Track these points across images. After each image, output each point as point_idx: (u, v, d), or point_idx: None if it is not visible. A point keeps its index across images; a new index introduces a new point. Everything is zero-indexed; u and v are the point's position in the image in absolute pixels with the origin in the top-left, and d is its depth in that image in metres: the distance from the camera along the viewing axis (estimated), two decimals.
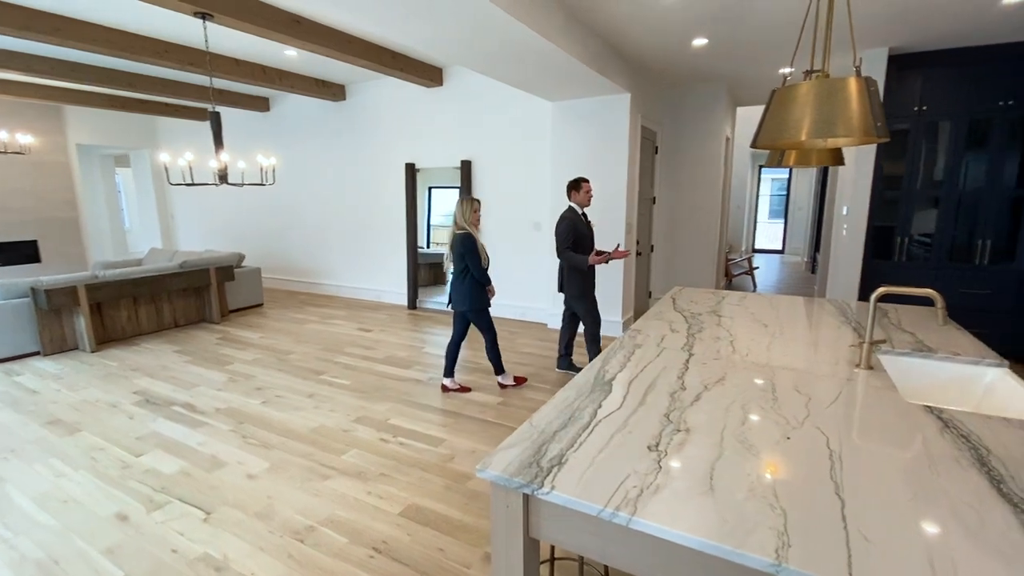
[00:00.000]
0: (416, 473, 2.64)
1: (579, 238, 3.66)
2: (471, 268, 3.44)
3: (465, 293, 3.52)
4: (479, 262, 3.44)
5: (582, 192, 3.68)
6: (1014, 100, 4.00)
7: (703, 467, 1.13)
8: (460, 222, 3.43)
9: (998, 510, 0.97)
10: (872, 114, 1.18)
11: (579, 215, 3.72)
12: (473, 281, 3.49)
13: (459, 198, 3.49)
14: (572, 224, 3.64)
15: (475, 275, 3.47)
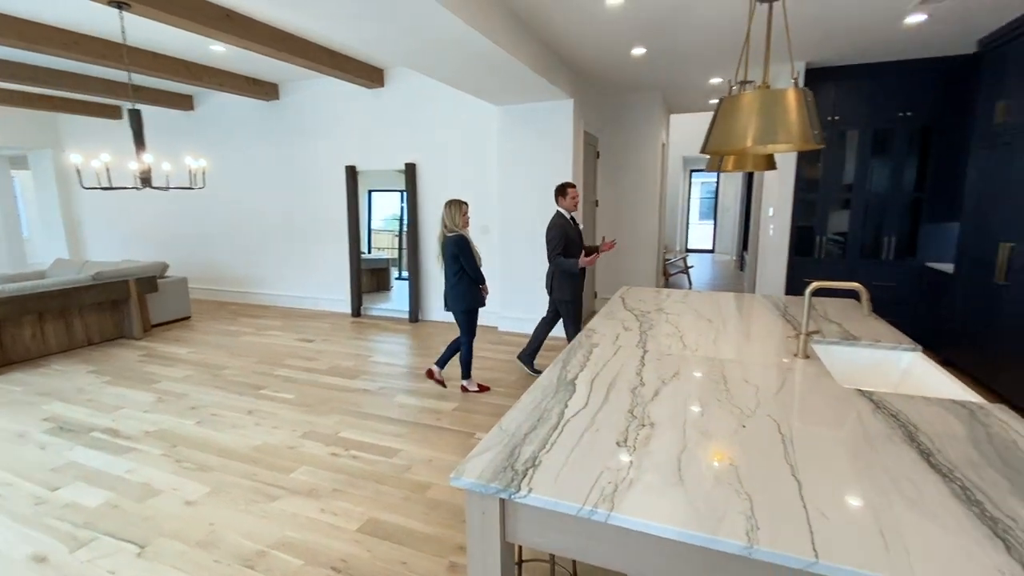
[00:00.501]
0: (372, 486, 2.56)
1: (569, 243, 3.72)
2: (467, 268, 3.51)
3: (461, 294, 3.57)
4: (474, 262, 3.52)
5: (568, 197, 3.75)
6: (912, 111, 4.47)
7: (670, 459, 1.18)
8: (450, 225, 3.49)
9: (931, 480, 1.08)
10: (810, 123, 1.28)
11: (567, 219, 3.78)
12: (468, 281, 3.56)
13: (446, 202, 3.52)
14: (562, 230, 3.70)
15: (471, 275, 3.53)
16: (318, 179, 6.37)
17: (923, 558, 0.85)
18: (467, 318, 3.66)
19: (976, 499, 1.01)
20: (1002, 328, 3.46)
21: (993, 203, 3.66)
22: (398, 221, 8.26)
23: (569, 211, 3.79)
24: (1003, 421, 1.35)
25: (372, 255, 7.69)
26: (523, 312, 5.46)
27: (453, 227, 3.48)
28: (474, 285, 3.60)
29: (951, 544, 0.88)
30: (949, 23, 3.59)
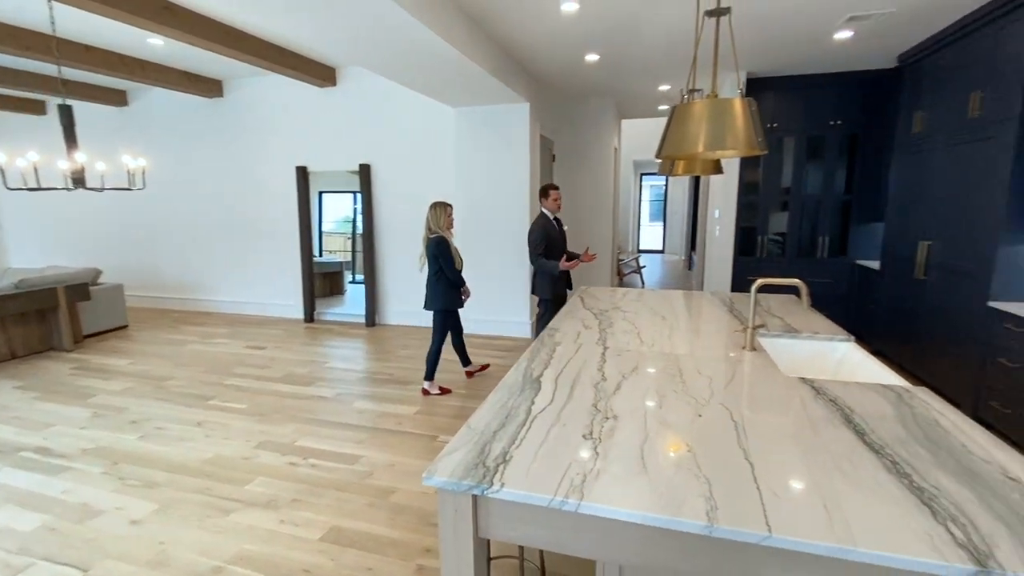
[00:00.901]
0: (333, 494, 2.50)
1: (551, 243, 3.76)
2: (445, 270, 3.59)
3: (439, 294, 3.66)
4: (452, 264, 3.60)
5: (550, 199, 3.81)
6: (842, 120, 4.81)
7: (634, 449, 1.23)
8: (433, 226, 3.55)
9: (867, 457, 1.18)
10: (754, 131, 1.38)
11: (551, 220, 3.84)
12: (447, 282, 3.64)
13: (432, 204, 3.59)
14: (544, 231, 3.74)
15: (449, 276, 3.60)
16: (267, 180, 6.14)
17: (862, 527, 0.93)
18: (441, 318, 3.74)
19: (905, 472, 1.12)
20: (922, 320, 3.78)
21: (912, 205, 4.01)
22: (351, 223, 8.08)
23: (552, 212, 3.87)
24: (926, 402, 1.50)
25: (324, 258, 7.49)
26: (484, 314, 5.48)
27: (436, 228, 3.55)
28: (452, 287, 3.66)
29: (885, 513, 0.98)
30: (872, 40, 3.90)
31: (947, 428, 1.33)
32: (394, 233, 5.81)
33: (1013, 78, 2.90)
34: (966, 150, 3.33)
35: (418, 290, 5.75)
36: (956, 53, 3.50)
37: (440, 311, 3.71)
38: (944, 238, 3.55)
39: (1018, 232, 2.93)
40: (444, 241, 3.56)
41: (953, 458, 1.18)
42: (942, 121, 3.62)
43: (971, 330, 3.17)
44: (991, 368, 2.99)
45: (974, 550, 0.88)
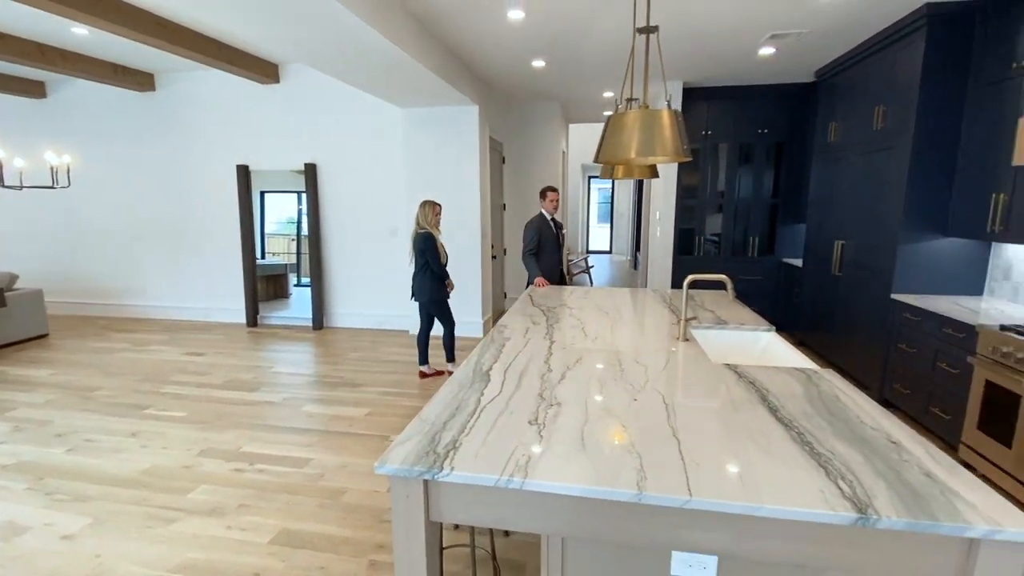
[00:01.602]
0: (283, 498, 2.47)
1: (543, 242, 4.00)
2: (431, 264, 3.81)
3: (424, 286, 3.89)
4: (438, 259, 3.82)
5: (547, 200, 4.05)
6: (768, 129, 5.20)
7: (575, 432, 1.33)
8: (422, 223, 3.81)
9: (777, 430, 1.34)
10: (680, 140, 1.52)
11: (546, 220, 4.05)
12: (432, 275, 3.86)
13: (421, 202, 3.86)
14: (537, 229, 3.97)
15: (434, 270, 3.82)
16: (205, 179, 5.88)
17: (768, 488, 1.07)
18: (438, 308, 3.98)
19: (807, 440, 1.28)
20: (838, 312, 4.16)
21: (829, 208, 4.39)
22: (295, 224, 7.85)
23: (550, 213, 4.06)
24: (830, 381, 1.69)
25: (267, 260, 7.24)
26: None
27: (424, 225, 3.79)
28: (436, 279, 3.88)
29: (788, 475, 1.12)
30: (792, 56, 4.25)
31: (845, 403, 1.52)
32: (342, 234, 5.72)
33: (907, 96, 3.26)
34: (872, 159, 3.70)
35: (367, 291, 5.74)
36: (862, 71, 3.88)
37: (426, 302, 3.93)
38: (855, 238, 3.92)
39: (914, 232, 3.30)
40: (431, 237, 3.78)
41: (848, 427, 1.35)
42: (853, 132, 4.00)
43: (877, 320, 3.53)
44: (894, 353, 3.35)
45: (857, 501, 1.03)
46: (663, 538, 1.11)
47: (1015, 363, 2.34)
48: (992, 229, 2.85)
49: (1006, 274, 3.13)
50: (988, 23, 2.94)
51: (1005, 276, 3.13)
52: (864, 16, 3.37)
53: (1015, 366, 2.34)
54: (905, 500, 1.03)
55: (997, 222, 2.81)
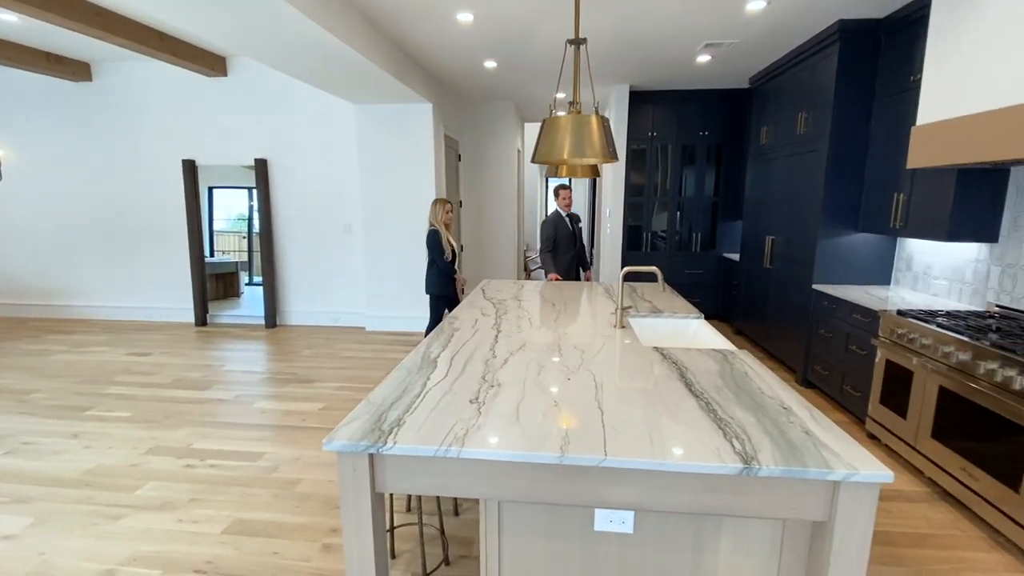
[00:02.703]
0: (236, 491, 2.50)
1: (560, 238, 4.17)
2: (436, 259, 3.96)
3: (431, 280, 4.03)
4: (442, 254, 3.96)
5: (560, 198, 4.20)
6: (708, 131, 5.51)
7: (511, 407, 1.46)
8: (431, 220, 3.97)
9: (690, 401, 1.51)
10: (607, 142, 1.67)
11: (562, 218, 4.18)
12: (438, 270, 4.00)
13: (433, 200, 4.04)
14: (554, 226, 4.15)
15: (439, 265, 3.96)
16: (148, 174, 5.68)
17: (674, 447, 1.23)
18: (435, 303, 4.08)
19: (712, 408, 1.46)
20: (769, 302, 4.49)
21: (761, 206, 4.72)
22: (245, 221, 7.65)
23: (564, 210, 4.20)
24: (743, 360, 1.90)
25: (217, 259, 7.04)
26: (390, 311, 5.53)
27: (433, 222, 3.96)
28: (442, 274, 4.02)
29: (692, 436, 1.29)
30: (727, 64, 4.54)
31: (752, 377, 1.72)
32: (294, 231, 5.66)
33: (824, 103, 3.57)
34: (797, 160, 4.02)
35: (321, 288, 5.70)
36: (788, 79, 4.20)
37: (434, 296, 4.05)
38: (784, 233, 4.25)
39: (831, 228, 3.62)
40: (437, 234, 3.94)
41: (750, 397, 1.55)
42: (781, 135, 4.33)
43: (801, 308, 3.86)
44: (814, 338, 3.67)
45: (744, 455, 1.20)
46: (586, 496, 1.25)
47: (908, 343, 2.65)
48: (894, 225, 3.18)
49: (908, 265, 3.49)
50: (891, 39, 3.27)
51: (908, 267, 3.50)
52: (787, 29, 3.66)
53: (908, 346, 2.65)
54: (784, 453, 1.22)
55: (898, 219, 3.15)
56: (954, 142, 2.40)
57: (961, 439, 2.28)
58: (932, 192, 2.89)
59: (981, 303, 2.88)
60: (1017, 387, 1.99)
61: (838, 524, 1.19)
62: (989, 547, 2.08)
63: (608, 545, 1.40)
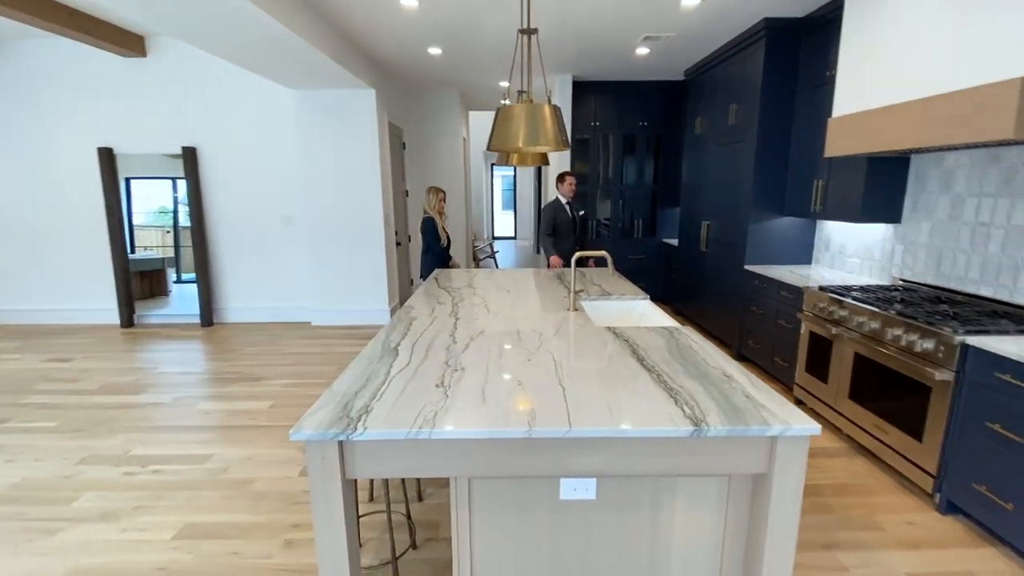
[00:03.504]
0: (183, 495, 2.39)
1: (559, 224, 4.21)
2: (431, 246, 4.08)
3: (426, 266, 4.13)
4: (437, 241, 4.09)
5: (565, 184, 4.16)
6: (648, 121, 5.72)
7: (477, 389, 1.51)
8: (427, 208, 4.08)
9: (643, 375, 1.62)
10: (559, 131, 1.73)
11: (562, 205, 4.22)
12: (433, 256, 4.12)
13: (427, 188, 4.16)
14: (553, 213, 4.20)
15: (435, 251, 4.08)
16: (58, 163, 5.19)
17: (631, 416, 1.33)
18: None
19: (663, 379, 1.57)
20: (706, 283, 4.78)
21: (697, 193, 4.99)
22: (170, 214, 7.16)
23: (567, 197, 4.18)
24: (687, 335, 2.04)
25: (139, 255, 6.55)
26: (336, 304, 5.39)
27: (428, 210, 4.06)
28: (438, 260, 4.13)
29: (647, 407, 1.39)
30: (664, 57, 4.74)
31: (696, 350, 1.85)
32: (230, 224, 5.38)
33: (753, 96, 3.82)
34: (729, 150, 4.28)
35: (262, 283, 5.46)
36: (720, 72, 4.45)
37: None
38: (718, 218, 4.52)
39: (760, 213, 3.90)
40: (432, 221, 4.05)
41: (695, 368, 1.67)
42: (714, 126, 4.58)
43: (734, 288, 4.14)
44: (747, 315, 3.96)
45: (694, 419, 1.32)
46: (553, 467, 1.32)
47: (828, 316, 2.93)
48: (815, 209, 3.48)
49: (827, 245, 3.83)
50: (810, 37, 3.54)
51: (826, 247, 3.84)
52: (719, 25, 3.87)
53: (828, 318, 2.93)
54: (728, 415, 1.34)
55: (818, 203, 3.44)
56: (864, 133, 2.66)
57: (874, 399, 2.57)
58: (847, 178, 3.18)
59: (887, 278, 3.22)
60: (919, 349, 2.27)
61: (776, 474, 1.34)
62: (898, 491, 2.37)
63: (573, 512, 1.48)
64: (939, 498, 2.21)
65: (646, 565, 1.53)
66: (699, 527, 1.51)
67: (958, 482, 2.10)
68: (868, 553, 1.96)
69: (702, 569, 1.53)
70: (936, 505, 2.23)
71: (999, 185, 2.46)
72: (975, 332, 2.08)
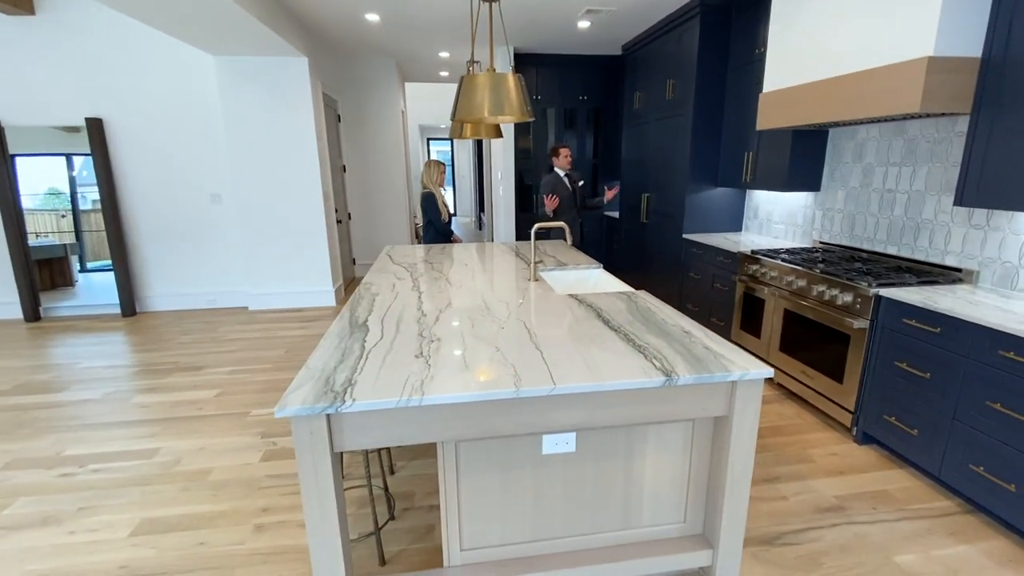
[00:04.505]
0: (134, 491, 2.26)
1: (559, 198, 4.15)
2: (433, 220, 4.03)
3: (428, 241, 4.08)
4: (439, 216, 4.05)
5: (560, 157, 4.13)
6: (588, 96, 5.82)
7: (457, 357, 1.54)
8: (426, 182, 4.01)
9: (610, 335, 1.72)
10: (524, 101, 1.75)
11: (560, 178, 4.16)
12: (435, 231, 4.08)
13: (425, 161, 4.14)
14: (552, 187, 4.17)
15: (436, 227, 4.05)
16: None
17: (607, 371, 1.42)
18: None
19: (630, 338, 1.68)
20: (646, 252, 5.02)
21: (637, 167, 5.19)
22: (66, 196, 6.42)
23: (564, 169, 4.14)
24: (644, 299, 2.17)
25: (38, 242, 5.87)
26: (275, 287, 5.15)
27: (428, 184, 3.98)
28: (440, 235, 4.11)
29: (620, 362, 1.49)
30: (604, 30, 4.82)
31: (654, 311, 1.98)
32: (148, 204, 4.94)
33: (689, 71, 4.00)
34: (666, 124, 4.47)
35: (190, 267, 5.09)
36: (658, 47, 4.60)
37: None
38: (657, 191, 4.74)
39: (696, 184, 4.14)
40: (432, 196, 3.98)
41: (657, 327, 1.80)
42: (652, 101, 4.75)
43: (673, 256, 4.39)
44: (685, 281, 4.22)
45: (664, 370, 1.43)
46: (536, 424, 1.40)
47: (760, 277, 3.20)
48: (745, 180, 3.74)
49: (755, 213, 4.14)
50: (740, 15, 3.74)
51: (755, 215, 4.15)
52: (658, 1, 3.99)
53: (760, 279, 3.20)
54: (693, 365, 1.47)
55: (748, 174, 3.70)
56: (791, 107, 2.89)
57: (801, 349, 2.86)
58: (774, 151, 3.44)
59: (809, 241, 3.56)
60: (840, 303, 2.55)
61: (736, 416, 1.49)
62: (823, 428, 2.68)
63: (554, 465, 1.57)
64: (856, 431, 2.53)
65: (620, 504, 1.66)
66: (667, 468, 1.65)
67: (872, 416, 2.42)
68: (803, 483, 2.22)
69: (669, 501, 1.69)
70: (854, 437, 2.55)
71: (903, 155, 2.77)
72: (886, 285, 2.36)
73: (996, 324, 1.84)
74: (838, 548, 1.85)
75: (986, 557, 1.78)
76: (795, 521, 1.99)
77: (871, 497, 2.12)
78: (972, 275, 2.41)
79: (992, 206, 2.05)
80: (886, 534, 1.91)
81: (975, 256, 2.41)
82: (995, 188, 2.05)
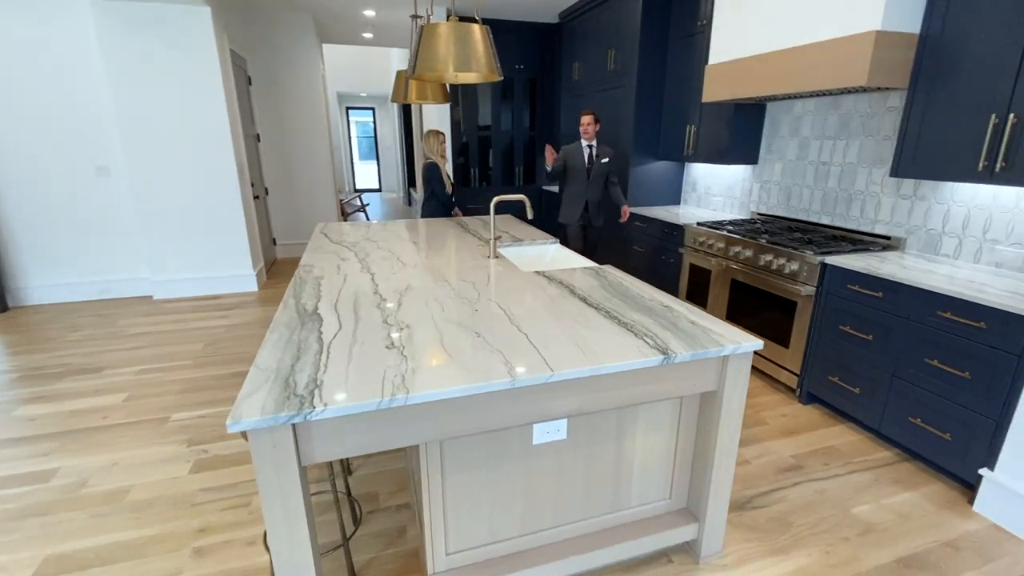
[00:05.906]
0: (32, 524, 1.88)
1: (569, 167, 3.80)
2: (436, 192, 3.89)
3: (429, 213, 3.95)
4: (443, 188, 3.90)
5: (583, 125, 3.68)
6: (524, 65, 5.62)
7: (436, 345, 1.38)
8: (428, 153, 3.86)
9: (590, 312, 1.63)
10: (493, 57, 1.57)
11: (581, 147, 3.75)
12: (438, 203, 3.94)
13: (425, 132, 3.90)
14: (565, 153, 3.81)
15: (440, 198, 3.92)
16: None
17: (602, 353, 1.33)
18: None
19: (614, 316, 1.60)
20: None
21: (575, 139, 5.11)
22: None
23: (588, 140, 3.70)
24: (613, 273, 2.10)
25: None
26: (183, 272, 4.57)
27: (430, 155, 3.85)
28: (442, 207, 3.97)
29: (611, 341, 1.40)
30: None
31: (627, 286, 1.92)
32: (15, 180, 4.14)
33: (632, 42, 3.95)
34: (608, 95, 4.42)
35: (77, 251, 4.39)
36: (597, 16, 4.50)
37: None
38: None
39: (640, 157, 4.15)
40: (435, 166, 3.82)
41: (635, 302, 1.73)
42: (592, 71, 4.67)
43: (617, 230, 4.41)
44: (630, 255, 4.27)
45: (660, 349, 1.36)
46: (530, 414, 1.28)
47: (707, 248, 3.28)
48: (687, 153, 3.79)
49: (694, 187, 4.24)
50: None
51: (694, 188, 4.25)
52: None
53: (707, 251, 3.28)
54: (686, 341, 1.41)
55: (690, 147, 3.75)
56: (738, 80, 2.92)
57: (748, 316, 2.97)
58: (716, 124, 3.50)
59: (747, 213, 3.69)
60: (787, 271, 2.66)
61: (726, 390, 1.46)
62: (771, 391, 2.82)
63: (545, 454, 1.47)
64: (800, 392, 2.68)
65: (611, 487, 1.60)
66: (655, 446, 1.61)
67: (816, 377, 2.56)
68: (761, 445, 2.31)
69: (656, 479, 1.66)
70: (798, 398, 2.70)
71: (838, 129, 2.90)
72: (828, 253, 2.48)
73: (935, 287, 1.97)
74: (802, 506, 1.93)
75: (928, 501, 1.95)
76: (761, 483, 2.06)
77: (823, 453, 2.25)
78: (900, 242, 2.59)
79: (925, 177, 2.19)
80: (841, 488, 2.03)
81: (903, 224, 2.59)
82: (928, 160, 2.18)
